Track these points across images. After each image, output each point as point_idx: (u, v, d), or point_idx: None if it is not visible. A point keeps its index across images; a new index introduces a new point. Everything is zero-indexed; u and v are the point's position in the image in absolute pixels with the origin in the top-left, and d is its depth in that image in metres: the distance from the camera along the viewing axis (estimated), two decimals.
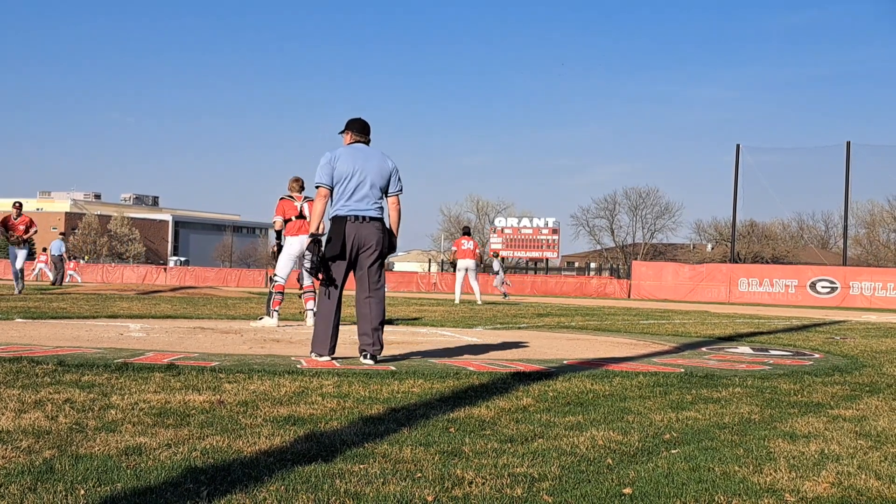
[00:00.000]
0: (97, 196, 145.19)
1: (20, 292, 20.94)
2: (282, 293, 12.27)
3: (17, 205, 21.35)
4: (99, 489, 3.24)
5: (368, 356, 7.39)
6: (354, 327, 7.78)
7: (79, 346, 8.03)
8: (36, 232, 21.22)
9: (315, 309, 12.01)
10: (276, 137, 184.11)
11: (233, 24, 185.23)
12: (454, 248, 23.61)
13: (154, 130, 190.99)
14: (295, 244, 12.31)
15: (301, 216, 12.32)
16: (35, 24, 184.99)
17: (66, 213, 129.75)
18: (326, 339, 7.40)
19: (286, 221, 12.32)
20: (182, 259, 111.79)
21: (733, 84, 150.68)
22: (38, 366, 6.30)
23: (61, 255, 32.59)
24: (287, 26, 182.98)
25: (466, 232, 24.10)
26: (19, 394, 5.14)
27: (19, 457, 3.65)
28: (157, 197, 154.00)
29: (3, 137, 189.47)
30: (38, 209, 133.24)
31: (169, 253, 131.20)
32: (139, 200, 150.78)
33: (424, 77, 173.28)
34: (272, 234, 13.20)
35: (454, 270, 24.20)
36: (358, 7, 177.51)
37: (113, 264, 65.64)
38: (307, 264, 7.66)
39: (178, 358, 7.22)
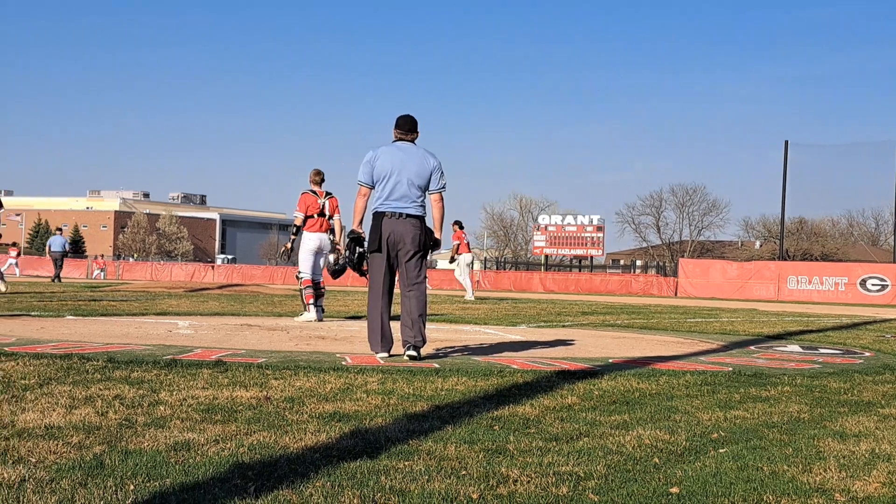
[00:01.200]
0: (146, 195, 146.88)
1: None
2: (311, 286, 12.40)
3: None
4: (148, 484, 3.27)
5: (411, 347, 7.45)
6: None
7: (128, 343, 8.12)
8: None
9: (322, 305, 12.60)
10: (322, 135, 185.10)
11: (281, 22, 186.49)
12: (457, 243, 23.70)
13: (202, 129, 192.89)
14: (313, 240, 12.42)
15: (321, 213, 12.41)
16: (85, 26, 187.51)
17: (116, 211, 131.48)
18: (377, 338, 7.54)
19: (307, 217, 12.42)
20: (229, 257, 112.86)
21: (782, 79, 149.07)
22: (88, 362, 6.38)
23: (63, 252, 32.64)
24: (333, 25, 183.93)
25: (462, 226, 24.15)
26: (70, 390, 5.21)
27: (70, 452, 3.70)
28: (205, 196, 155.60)
29: (54, 138, 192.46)
30: (87, 208, 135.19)
31: (216, 251, 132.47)
32: (187, 199, 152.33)
33: (468, 75, 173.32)
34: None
35: (451, 263, 24.49)
36: (404, 7, 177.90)
37: (161, 262, 66.39)
38: (341, 260, 7.77)
39: (225, 355, 7.29)
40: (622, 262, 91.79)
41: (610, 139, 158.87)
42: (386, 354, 7.49)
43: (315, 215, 12.38)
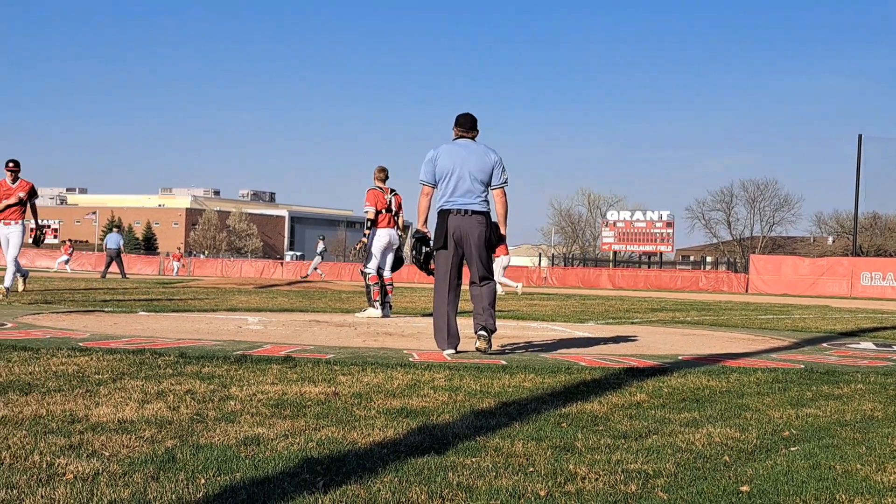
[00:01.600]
0: (216, 192, 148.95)
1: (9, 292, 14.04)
2: (378, 283, 12.47)
3: (10, 165, 13.88)
4: (219, 478, 3.31)
5: (482, 328, 7.53)
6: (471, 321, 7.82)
7: (199, 339, 8.24)
8: (26, 202, 13.87)
9: (390, 302, 12.69)
10: (389, 133, 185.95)
11: (344, 21, 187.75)
12: None
13: (271, 127, 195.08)
14: (384, 236, 12.46)
15: (388, 209, 12.45)
16: (156, 25, 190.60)
17: (187, 209, 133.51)
18: (443, 334, 7.60)
19: (377, 213, 12.46)
20: (298, 254, 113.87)
21: (855, 72, 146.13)
22: (160, 358, 6.48)
23: (118, 249, 33.19)
24: (398, 25, 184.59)
25: None
26: (143, 385, 5.29)
27: (142, 446, 3.76)
28: (274, 193, 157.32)
29: (128, 137, 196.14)
30: (159, 205, 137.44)
31: (285, 248, 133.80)
32: (256, 196, 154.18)
33: (539, 72, 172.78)
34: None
35: None
36: (478, 8, 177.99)
37: (231, 259, 67.30)
38: (410, 260, 7.84)
39: (294, 350, 7.36)
40: (692, 258, 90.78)
41: (679, 134, 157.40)
42: (453, 351, 7.51)
43: (383, 211, 12.45)
